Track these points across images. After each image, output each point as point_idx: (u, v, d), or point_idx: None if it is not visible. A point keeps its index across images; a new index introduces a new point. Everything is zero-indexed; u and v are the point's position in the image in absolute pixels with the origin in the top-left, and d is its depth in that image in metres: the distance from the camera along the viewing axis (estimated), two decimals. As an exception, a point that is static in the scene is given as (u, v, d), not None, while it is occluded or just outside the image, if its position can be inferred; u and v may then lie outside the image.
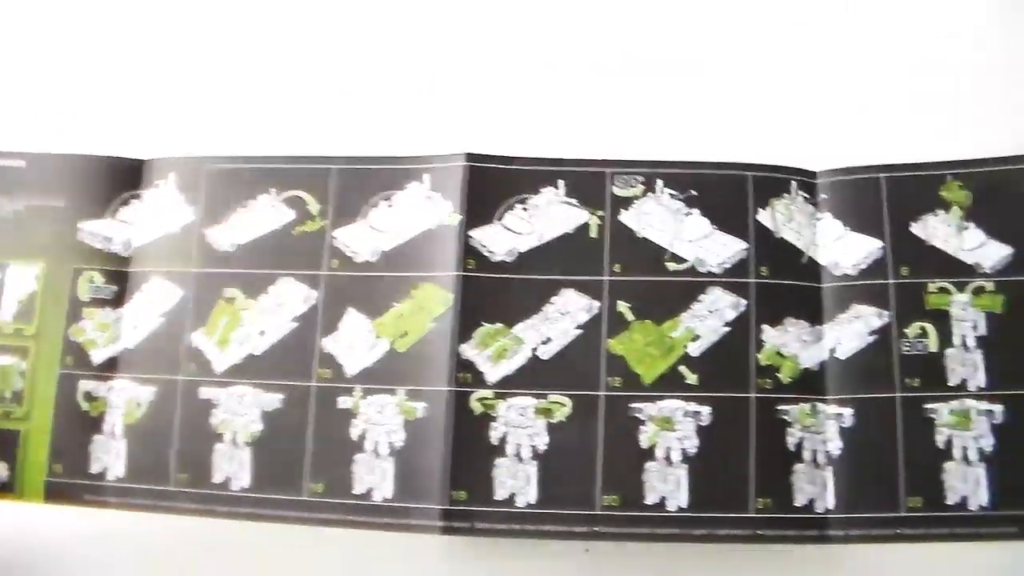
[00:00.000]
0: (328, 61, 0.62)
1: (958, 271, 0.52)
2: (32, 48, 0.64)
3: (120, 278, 0.56)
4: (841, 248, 0.53)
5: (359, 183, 0.56)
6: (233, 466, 0.53)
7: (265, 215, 0.56)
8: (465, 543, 0.54)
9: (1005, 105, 0.56)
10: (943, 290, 0.52)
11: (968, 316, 0.52)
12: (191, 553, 0.54)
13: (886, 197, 0.53)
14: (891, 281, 0.52)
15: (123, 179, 0.57)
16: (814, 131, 0.57)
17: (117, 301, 0.56)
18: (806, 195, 0.54)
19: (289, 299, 0.55)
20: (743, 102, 0.58)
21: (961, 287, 0.52)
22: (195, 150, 0.57)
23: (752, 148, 0.55)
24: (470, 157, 0.54)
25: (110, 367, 0.55)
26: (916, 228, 0.53)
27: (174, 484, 0.53)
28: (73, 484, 0.53)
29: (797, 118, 0.58)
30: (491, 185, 0.54)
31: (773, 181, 0.54)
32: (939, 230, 0.53)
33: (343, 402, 0.53)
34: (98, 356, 0.55)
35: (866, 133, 0.57)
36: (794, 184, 0.54)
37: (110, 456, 0.54)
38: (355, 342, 0.54)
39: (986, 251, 0.53)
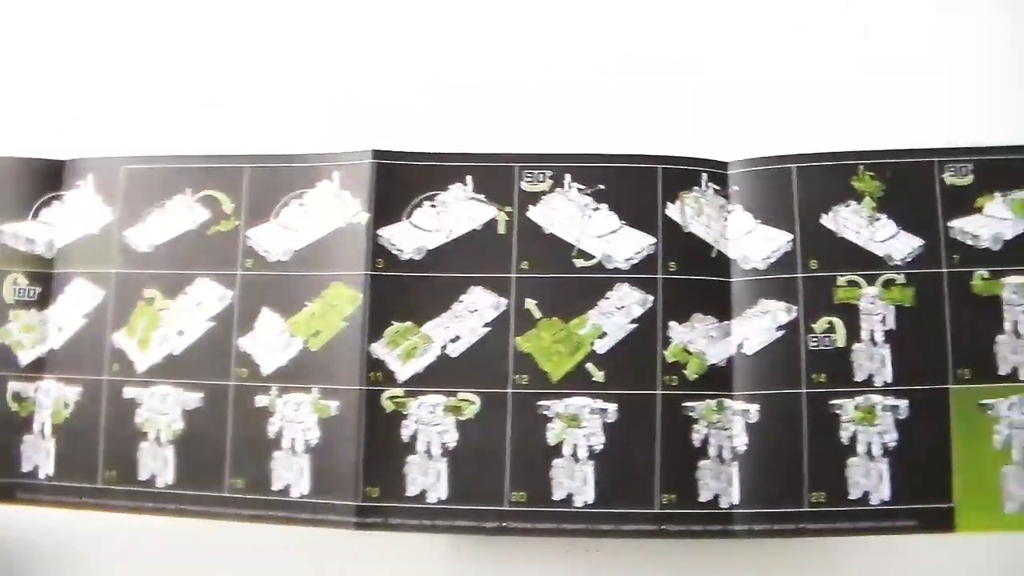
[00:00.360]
0: (240, 60, 0.61)
1: (869, 263, 0.51)
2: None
3: (44, 280, 0.56)
4: (751, 242, 0.52)
5: (271, 182, 0.55)
6: (157, 463, 0.54)
7: (181, 215, 0.56)
8: (465, 543, 0.55)
9: (918, 96, 0.54)
10: (852, 283, 0.51)
11: (877, 310, 0.51)
12: (121, 549, 0.56)
13: (797, 188, 0.52)
14: (800, 275, 0.51)
15: (44, 180, 0.57)
16: (726, 121, 0.55)
17: (42, 303, 0.56)
18: (717, 187, 0.53)
19: (206, 299, 0.55)
20: (653, 93, 0.57)
21: (871, 280, 0.51)
22: (113, 150, 0.57)
23: (663, 140, 0.54)
24: (377, 154, 0.54)
25: (37, 368, 0.56)
26: (827, 220, 0.52)
27: (102, 482, 0.54)
28: (6, 483, 0.55)
29: (709, 108, 0.56)
30: (399, 182, 0.54)
31: (683, 173, 0.53)
32: (850, 221, 0.52)
33: (260, 400, 0.54)
34: (25, 357, 0.56)
35: (779, 122, 0.55)
36: (704, 176, 0.53)
37: (40, 455, 0.55)
38: (270, 341, 0.54)
39: (897, 243, 0.51)
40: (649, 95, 0.57)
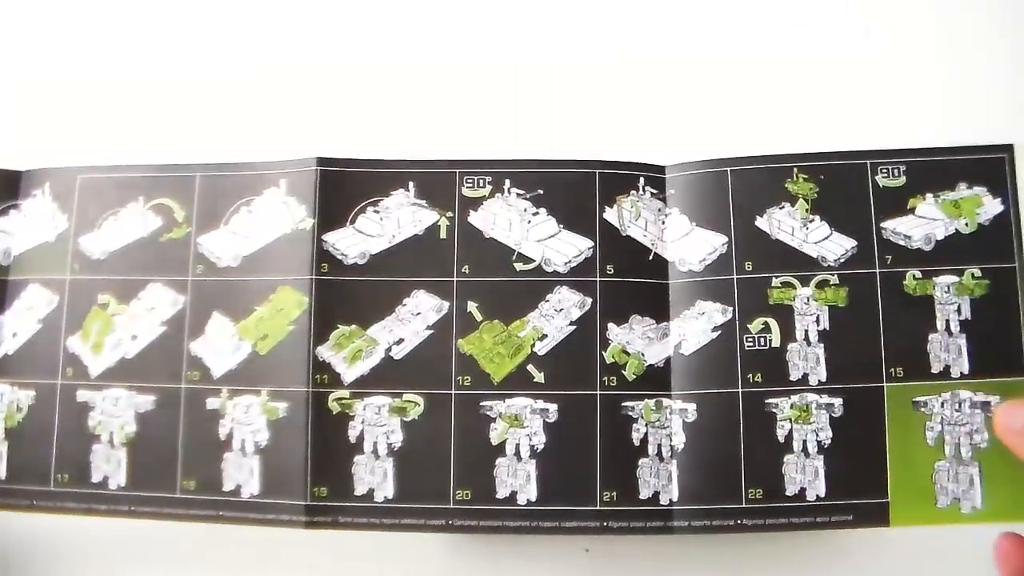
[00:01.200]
0: (188, 68, 0.61)
1: (802, 265, 0.51)
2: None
3: (0, 286, 0.56)
4: (688, 244, 0.52)
5: (221, 189, 0.55)
6: (110, 466, 0.54)
7: (134, 223, 0.56)
8: (464, 542, 0.55)
9: (852, 98, 0.54)
10: (787, 284, 0.51)
11: (811, 310, 0.51)
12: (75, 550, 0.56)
13: (732, 191, 0.52)
14: (735, 276, 0.51)
15: (1, 190, 0.57)
16: (665, 125, 0.55)
17: (-3, 309, 0.56)
18: (654, 191, 0.53)
19: (159, 304, 0.55)
20: (593, 98, 0.57)
21: (805, 281, 0.51)
22: (69, 160, 0.57)
23: (602, 145, 0.54)
24: (321, 161, 0.54)
25: (-9, 373, 0.55)
26: (761, 222, 0.52)
27: (55, 484, 0.54)
28: None
29: (647, 113, 0.56)
30: (343, 188, 0.54)
31: (620, 178, 0.53)
32: (784, 223, 0.52)
33: (211, 403, 0.54)
34: (-22, 363, 0.56)
35: (716, 126, 0.55)
36: (642, 180, 0.53)
37: (-8, 459, 0.55)
38: (220, 345, 0.54)
39: (831, 244, 0.51)
40: (588, 100, 0.57)
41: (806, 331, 0.51)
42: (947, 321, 0.51)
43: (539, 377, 0.52)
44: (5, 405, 0.55)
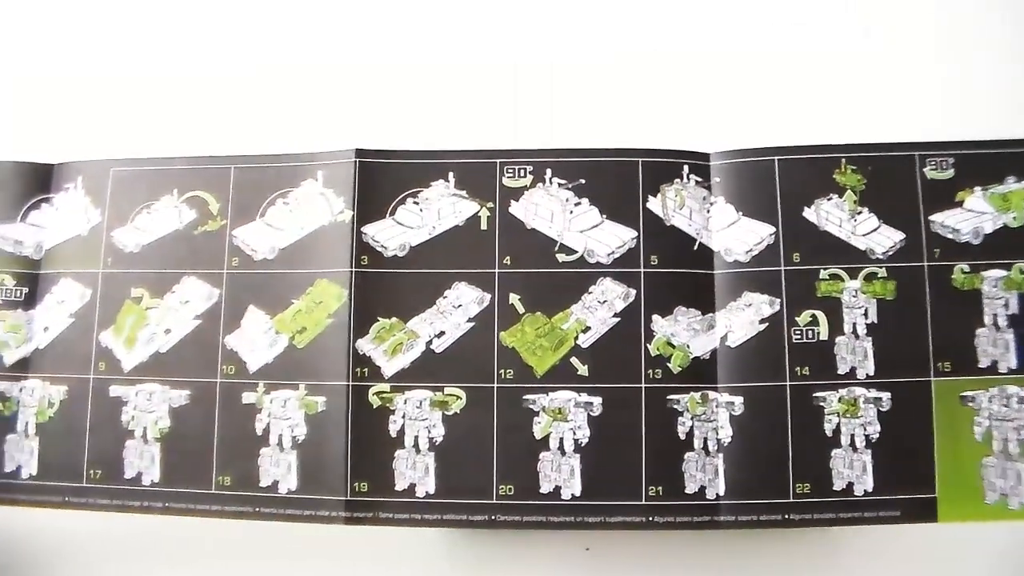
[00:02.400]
0: (224, 61, 0.59)
1: (850, 257, 0.49)
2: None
3: (31, 280, 0.54)
4: (734, 234, 0.50)
5: (257, 182, 0.53)
6: (144, 462, 0.52)
7: (168, 215, 0.54)
8: (464, 541, 0.53)
9: (901, 90, 0.52)
10: (835, 277, 0.49)
11: (859, 303, 0.49)
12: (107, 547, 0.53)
13: (779, 181, 0.50)
14: (783, 268, 0.49)
15: (33, 184, 0.55)
16: (708, 112, 0.53)
17: (28, 303, 0.54)
18: (699, 179, 0.51)
19: (193, 297, 0.53)
20: (635, 85, 0.55)
21: (853, 273, 0.49)
22: (102, 153, 0.55)
23: (644, 132, 0.52)
24: (360, 153, 0.52)
25: (22, 367, 0.53)
26: (809, 213, 0.50)
27: (87, 481, 0.52)
28: None
29: (690, 100, 0.54)
30: (382, 180, 0.52)
31: (664, 166, 0.51)
32: (832, 215, 0.50)
33: (247, 397, 0.51)
34: (10, 357, 0.53)
35: (761, 114, 0.53)
36: (686, 168, 0.51)
37: (23, 454, 0.53)
38: (256, 339, 0.52)
39: (879, 236, 0.49)
40: (629, 88, 0.55)
41: (854, 324, 0.49)
42: (995, 316, 0.49)
43: (583, 370, 0.50)
44: (37, 400, 0.53)
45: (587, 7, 0.58)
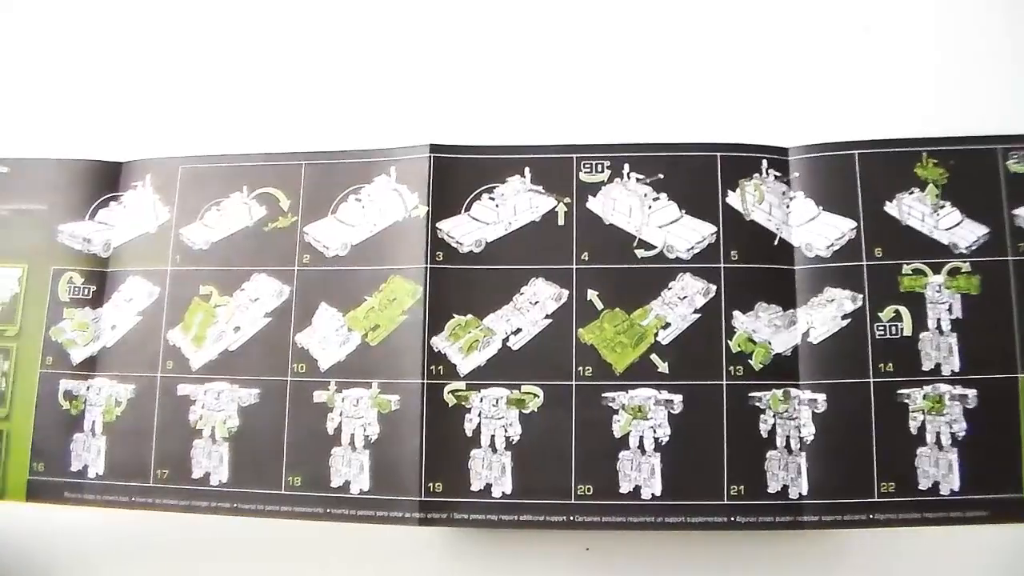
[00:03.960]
0: (294, 58, 0.57)
1: (933, 252, 0.47)
2: (10, 59, 0.60)
3: (99, 278, 0.52)
4: (814, 229, 0.48)
5: (328, 178, 0.51)
6: (212, 461, 0.49)
7: (238, 212, 0.52)
8: (463, 539, 0.50)
9: (982, 83, 0.50)
10: (918, 272, 0.47)
11: (943, 298, 0.47)
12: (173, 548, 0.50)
13: (860, 175, 0.48)
14: (864, 263, 0.47)
15: (102, 182, 0.53)
16: (786, 106, 0.51)
17: (96, 301, 0.52)
18: (778, 173, 0.49)
19: (263, 295, 0.51)
20: (711, 79, 0.53)
21: (936, 268, 0.47)
22: (170, 151, 0.53)
23: (722, 127, 0.50)
24: (434, 148, 0.50)
25: (89, 366, 0.51)
26: (890, 207, 0.48)
27: (154, 480, 0.49)
28: (54, 482, 0.50)
29: (768, 93, 0.52)
30: (457, 175, 0.50)
31: (743, 160, 0.49)
32: (914, 209, 0.47)
33: (319, 396, 0.49)
34: (77, 355, 0.51)
35: (840, 108, 0.51)
36: (765, 163, 0.49)
37: (90, 454, 0.50)
38: (328, 336, 0.50)
39: (962, 230, 0.47)
40: (706, 82, 0.53)
41: (938, 320, 0.47)
42: (1081, 311, 0.46)
43: (663, 367, 0.47)
44: (104, 399, 0.51)
45: (663, 1, 0.56)
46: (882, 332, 0.47)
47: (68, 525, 0.52)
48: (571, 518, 0.47)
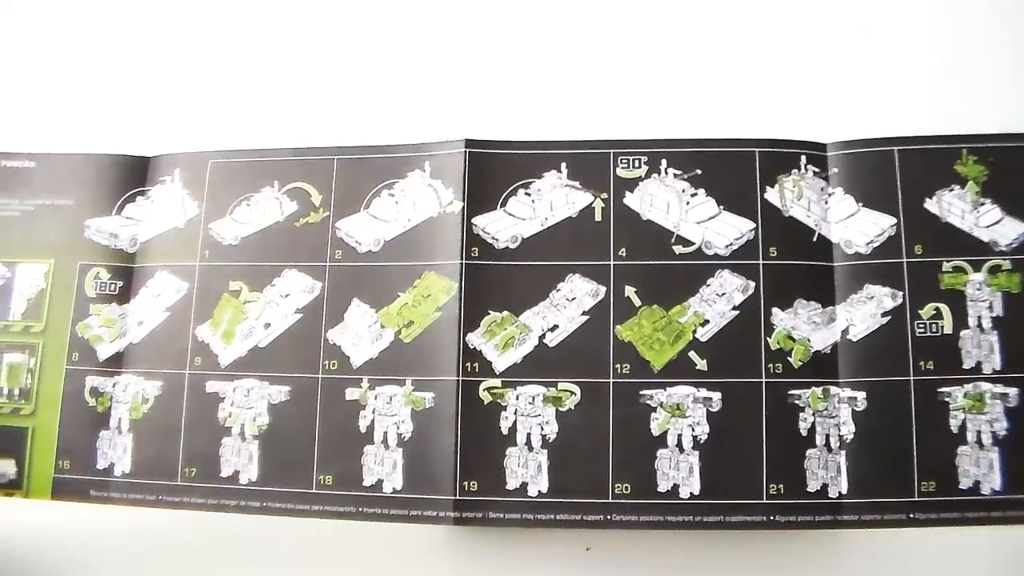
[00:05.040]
0: (326, 52, 0.56)
1: (974, 249, 0.46)
2: (38, 52, 0.58)
3: (126, 274, 0.50)
4: (853, 225, 0.47)
5: (360, 173, 0.50)
6: (241, 459, 0.48)
7: (268, 208, 0.50)
8: (463, 538, 0.49)
9: (1017, 79, 0.49)
10: (958, 269, 0.46)
11: (983, 296, 0.46)
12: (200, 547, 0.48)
13: (900, 171, 0.47)
14: (904, 260, 0.46)
15: (129, 177, 0.52)
16: (824, 101, 0.50)
17: (123, 297, 0.50)
18: (816, 169, 0.48)
19: (293, 290, 0.49)
20: (749, 74, 0.52)
21: (977, 266, 0.46)
22: (199, 145, 0.52)
23: (760, 122, 0.49)
24: (470, 143, 0.48)
25: (116, 362, 0.49)
26: (930, 204, 0.47)
27: (182, 479, 0.48)
28: (80, 480, 0.48)
29: (806, 88, 0.51)
30: (492, 171, 0.48)
31: (781, 156, 0.48)
32: (954, 206, 0.46)
33: (351, 393, 0.48)
34: (104, 352, 0.50)
35: (879, 104, 0.50)
36: (803, 159, 0.48)
37: (116, 452, 0.49)
38: (360, 333, 0.48)
39: (1003, 228, 0.46)
40: (743, 77, 0.52)
41: (979, 318, 0.46)
42: (1122, 308, 0.45)
43: (701, 364, 0.46)
44: (131, 396, 0.49)
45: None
46: (922, 330, 0.46)
47: (94, 524, 0.49)
48: (609, 517, 0.45)
